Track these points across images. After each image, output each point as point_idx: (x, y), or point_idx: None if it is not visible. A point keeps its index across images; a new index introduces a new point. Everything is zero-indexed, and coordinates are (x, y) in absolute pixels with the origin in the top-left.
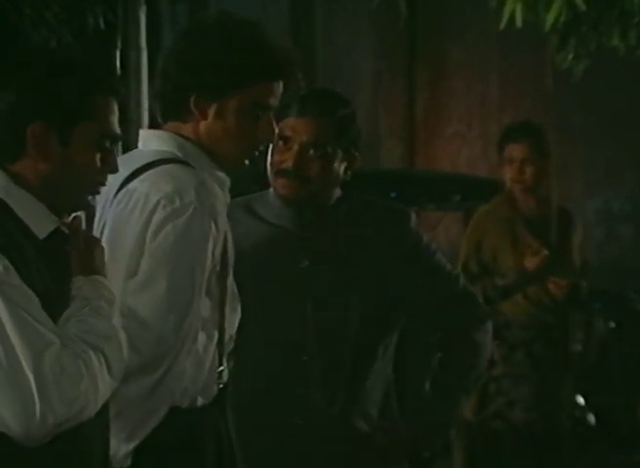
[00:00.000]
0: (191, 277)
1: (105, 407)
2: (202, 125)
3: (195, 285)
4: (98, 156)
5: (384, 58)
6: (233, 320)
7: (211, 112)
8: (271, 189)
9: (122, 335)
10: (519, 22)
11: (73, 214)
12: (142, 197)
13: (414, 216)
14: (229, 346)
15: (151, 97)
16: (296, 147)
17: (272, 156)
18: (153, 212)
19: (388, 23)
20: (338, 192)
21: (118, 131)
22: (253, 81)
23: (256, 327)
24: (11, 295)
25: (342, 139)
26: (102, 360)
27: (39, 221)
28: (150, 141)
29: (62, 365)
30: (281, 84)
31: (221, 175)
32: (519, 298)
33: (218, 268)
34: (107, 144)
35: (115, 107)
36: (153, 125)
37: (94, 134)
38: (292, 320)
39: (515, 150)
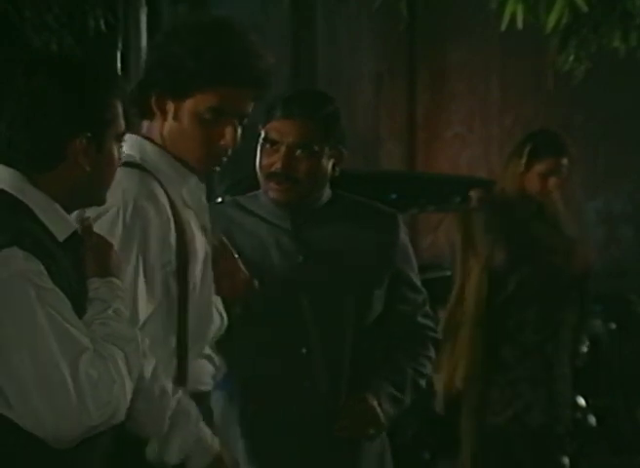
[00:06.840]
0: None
1: None
2: (165, 125)
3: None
4: (118, 155)
5: (385, 60)
6: (207, 319)
7: (170, 112)
8: (261, 191)
9: (140, 338)
10: (520, 24)
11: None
12: None
13: (401, 220)
14: (209, 344)
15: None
16: (283, 149)
17: (261, 160)
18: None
19: (389, 26)
20: (328, 192)
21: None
22: (209, 85)
23: (255, 320)
24: (46, 299)
25: (329, 137)
26: (126, 363)
27: (59, 224)
28: None
29: (97, 369)
30: (246, 91)
31: (184, 175)
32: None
33: (173, 267)
34: (121, 143)
35: (121, 106)
36: None
37: (116, 136)
38: (289, 313)
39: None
